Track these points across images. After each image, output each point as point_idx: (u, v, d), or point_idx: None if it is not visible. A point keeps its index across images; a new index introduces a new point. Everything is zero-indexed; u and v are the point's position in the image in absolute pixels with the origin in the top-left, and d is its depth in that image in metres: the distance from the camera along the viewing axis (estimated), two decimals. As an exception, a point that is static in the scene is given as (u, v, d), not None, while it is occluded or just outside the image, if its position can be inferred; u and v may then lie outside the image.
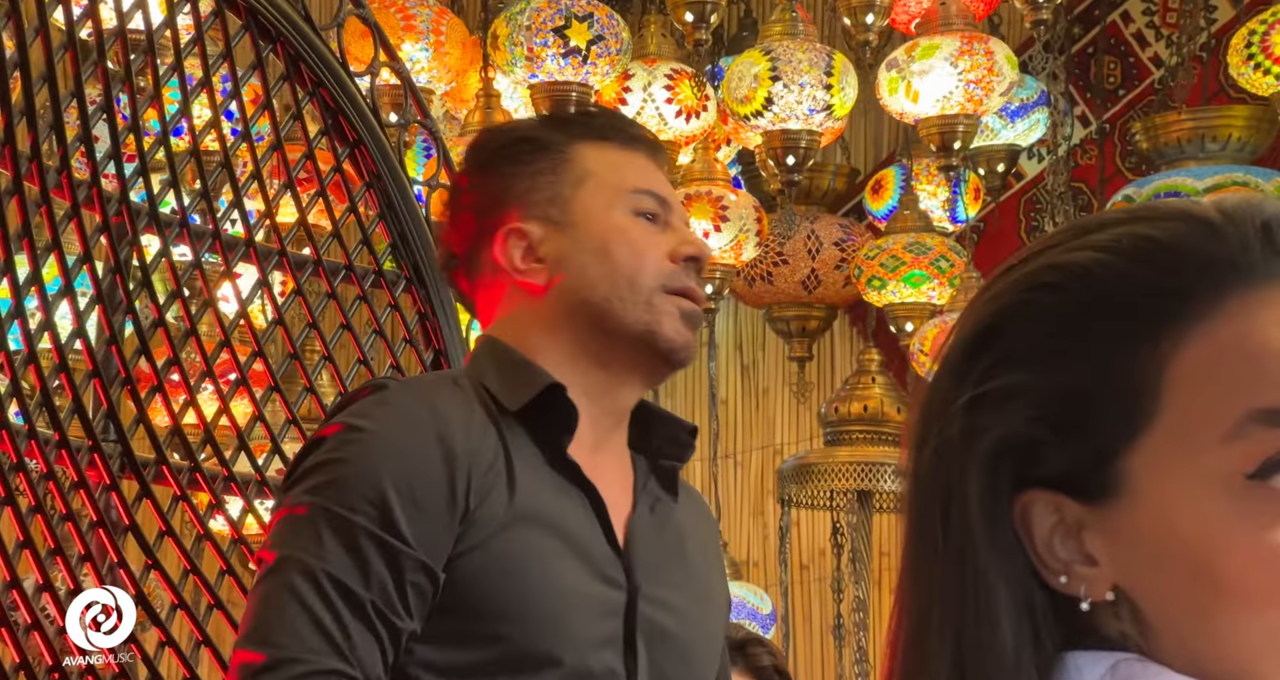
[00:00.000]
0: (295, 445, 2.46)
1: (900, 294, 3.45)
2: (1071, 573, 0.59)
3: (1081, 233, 0.61)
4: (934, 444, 0.60)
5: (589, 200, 1.39)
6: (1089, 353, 0.59)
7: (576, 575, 1.32)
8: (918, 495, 0.60)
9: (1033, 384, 0.59)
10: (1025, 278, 0.60)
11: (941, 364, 0.61)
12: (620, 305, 1.37)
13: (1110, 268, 0.59)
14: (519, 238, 1.39)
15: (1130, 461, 0.58)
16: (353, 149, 2.27)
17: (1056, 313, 0.59)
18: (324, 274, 2.23)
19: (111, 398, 1.98)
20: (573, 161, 1.40)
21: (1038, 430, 0.58)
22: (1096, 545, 0.59)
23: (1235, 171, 2.60)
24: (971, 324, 0.61)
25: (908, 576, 0.60)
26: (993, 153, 3.20)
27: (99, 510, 1.92)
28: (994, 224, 4.00)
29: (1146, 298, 0.58)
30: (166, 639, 1.95)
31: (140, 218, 2.04)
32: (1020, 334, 0.59)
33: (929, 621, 0.59)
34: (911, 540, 0.60)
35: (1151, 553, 0.58)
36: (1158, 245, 0.59)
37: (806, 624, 4.43)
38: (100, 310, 1.98)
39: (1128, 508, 0.58)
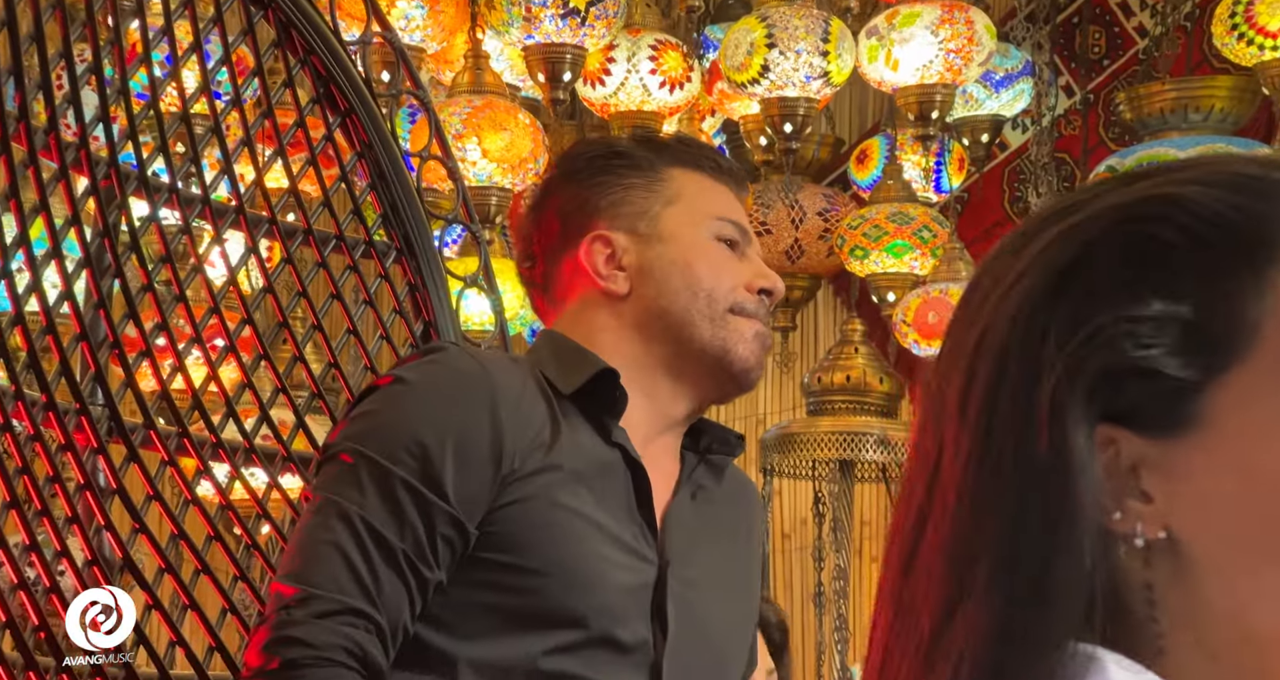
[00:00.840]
0: (283, 412, 2.48)
1: (883, 264, 3.47)
2: (1126, 510, 0.58)
3: (1161, 172, 0.61)
4: (1018, 381, 0.58)
5: (677, 219, 1.45)
6: (1192, 282, 0.58)
7: (609, 544, 1.36)
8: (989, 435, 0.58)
9: (1132, 314, 0.58)
10: (1115, 210, 0.59)
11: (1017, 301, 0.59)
12: (698, 318, 1.43)
13: (1217, 198, 0.59)
14: (604, 245, 1.45)
15: (1216, 394, 0.58)
16: (344, 118, 2.26)
17: (1158, 242, 0.58)
18: (314, 243, 2.23)
19: (99, 361, 1.98)
20: (665, 182, 1.47)
21: (1135, 361, 0.57)
22: (1154, 482, 0.58)
23: (1218, 142, 2.62)
24: (1054, 258, 0.59)
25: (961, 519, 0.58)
26: (977, 123, 3.21)
27: (86, 473, 1.92)
28: (977, 194, 4.02)
29: (1254, 228, 0.58)
30: (153, 602, 1.96)
31: (129, 182, 2.03)
32: (1118, 264, 0.58)
33: (976, 563, 0.57)
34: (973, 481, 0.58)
35: (1220, 489, 0.57)
36: (1258, 179, 0.59)
37: (788, 592, 4.46)
38: (88, 273, 1.98)
39: (1202, 442, 0.58)
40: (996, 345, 0.59)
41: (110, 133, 1.99)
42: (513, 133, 3.08)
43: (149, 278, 2.04)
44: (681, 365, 1.43)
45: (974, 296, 0.62)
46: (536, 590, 1.33)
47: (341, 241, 2.25)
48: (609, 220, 1.45)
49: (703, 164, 1.48)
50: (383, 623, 1.29)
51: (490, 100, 3.13)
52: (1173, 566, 0.58)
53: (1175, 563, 0.58)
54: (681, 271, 1.43)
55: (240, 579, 2.08)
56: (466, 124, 3.05)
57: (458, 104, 3.08)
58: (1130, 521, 0.58)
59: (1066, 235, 0.60)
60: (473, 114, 3.06)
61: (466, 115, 3.06)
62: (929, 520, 0.60)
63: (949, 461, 0.59)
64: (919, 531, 0.60)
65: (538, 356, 1.44)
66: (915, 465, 0.61)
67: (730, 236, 1.45)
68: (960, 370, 0.60)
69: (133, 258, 2.03)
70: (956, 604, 0.58)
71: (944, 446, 0.60)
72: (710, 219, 1.45)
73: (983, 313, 0.60)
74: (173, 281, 2.10)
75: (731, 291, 1.43)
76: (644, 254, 1.44)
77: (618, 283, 1.44)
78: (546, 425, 1.36)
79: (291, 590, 1.30)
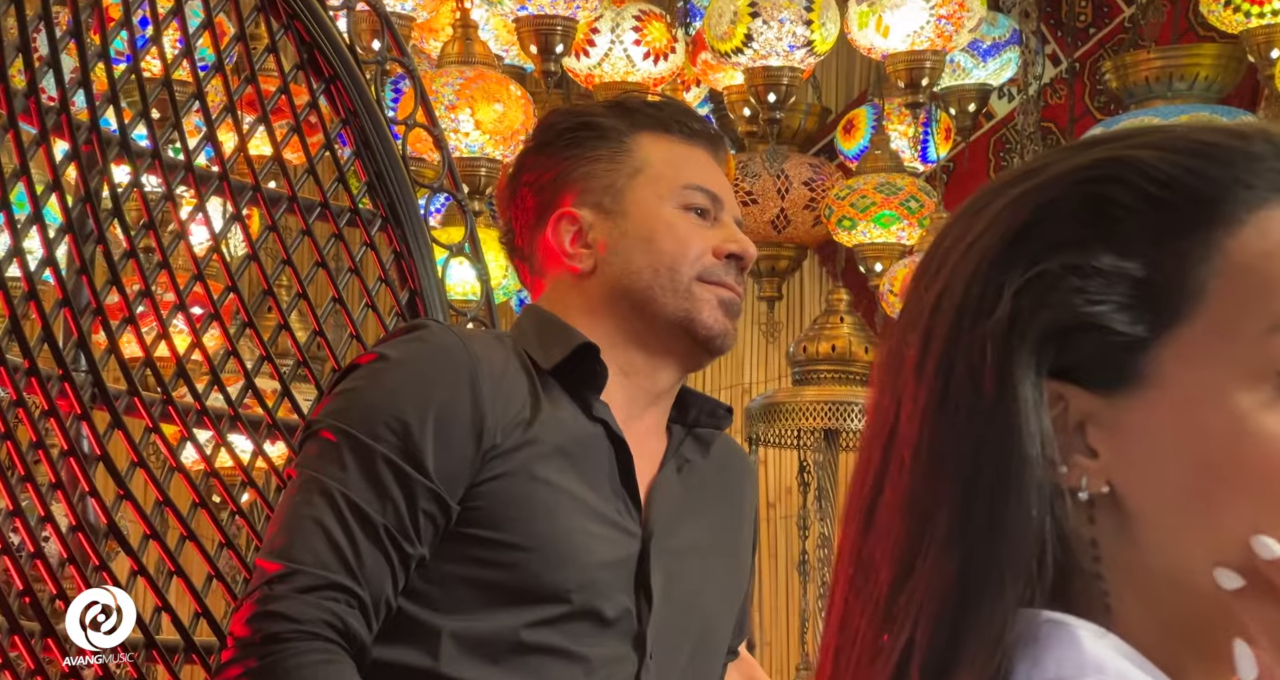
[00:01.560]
0: (267, 382, 2.48)
1: (870, 234, 3.47)
2: (1072, 464, 0.59)
3: (1117, 137, 0.62)
4: (971, 337, 0.59)
5: (642, 192, 1.44)
6: (1143, 241, 0.60)
7: (591, 519, 1.36)
8: (945, 393, 0.59)
9: (1084, 270, 0.59)
10: (1071, 173, 0.61)
11: (974, 261, 0.61)
12: (660, 293, 1.42)
13: (1171, 162, 0.60)
14: (570, 222, 1.44)
15: (1162, 351, 0.59)
16: (328, 85, 2.25)
17: (1111, 203, 0.60)
18: (299, 211, 2.22)
19: (82, 328, 1.97)
20: (631, 152, 1.45)
21: (1084, 316, 0.59)
22: (1101, 438, 0.59)
23: (1202, 110, 2.62)
24: (1010, 219, 0.61)
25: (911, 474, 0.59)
26: (964, 92, 3.20)
27: (69, 439, 1.92)
28: (964, 164, 4.02)
29: (1206, 191, 0.60)
30: (138, 568, 1.96)
31: (110, 147, 2.02)
32: (1071, 223, 0.60)
33: (933, 521, 0.58)
34: (926, 441, 0.59)
35: (1164, 444, 0.59)
36: (1214, 146, 0.61)
37: (772, 560, 4.48)
38: (70, 239, 1.97)
39: (1147, 398, 0.59)
40: (953, 304, 0.60)
41: (91, 97, 1.98)
42: (505, 104, 3.07)
43: (131, 244, 2.04)
44: (651, 339, 1.42)
45: (933, 258, 0.63)
46: (518, 565, 1.33)
47: (326, 209, 2.24)
48: (576, 195, 1.44)
49: (672, 128, 1.45)
50: (365, 597, 1.30)
51: (481, 71, 3.12)
52: (1115, 522, 0.60)
53: (1118, 518, 0.60)
54: (644, 247, 1.42)
55: (226, 546, 2.08)
56: (460, 95, 3.04)
57: (449, 75, 3.07)
58: (1076, 476, 0.59)
59: (1023, 197, 0.61)
60: (465, 85, 3.05)
61: (459, 86, 3.05)
62: (887, 478, 0.61)
63: (906, 419, 0.60)
64: (877, 489, 0.61)
65: (520, 331, 1.44)
66: (873, 424, 0.63)
67: (699, 204, 1.44)
68: (918, 330, 0.61)
69: (114, 223, 2.02)
70: (915, 559, 0.59)
71: (901, 405, 0.61)
72: (676, 188, 1.43)
73: (941, 273, 0.62)
74: (155, 248, 2.09)
75: (697, 260, 1.42)
76: (609, 231, 1.43)
77: (583, 261, 1.43)
78: (528, 401, 1.36)
79: (275, 566, 1.31)
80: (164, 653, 1.93)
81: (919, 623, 0.57)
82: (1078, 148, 0.63)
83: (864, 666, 0.59)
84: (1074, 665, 0.56)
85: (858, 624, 0.60)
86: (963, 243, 0.62)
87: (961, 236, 0.62)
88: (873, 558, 0.60)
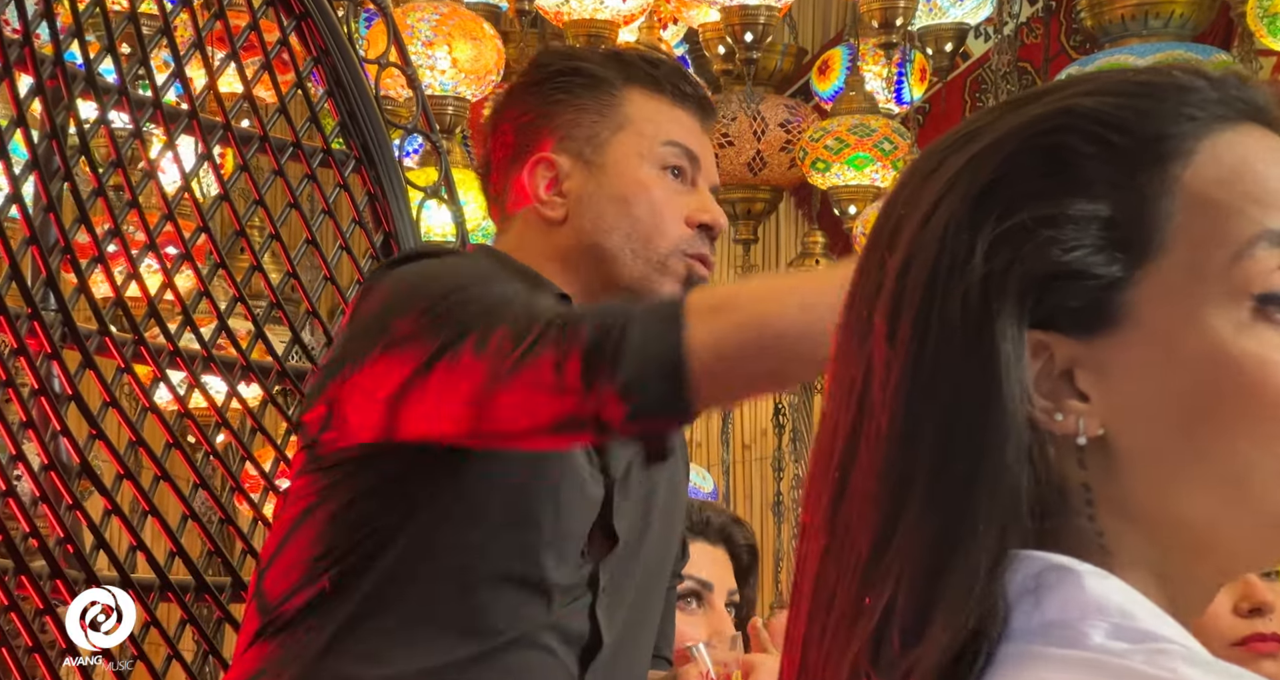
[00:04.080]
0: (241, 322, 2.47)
1: (844, 176, 3.46)
2: (1065, 409, 0.60)
3: (1055, 90, 0.63)
4: (946, 298, 0.60)
5: (623, 147, 1.42)
6: (1105, 183, 0.60)
7: (568, 462, 1.36)
8: (920, 357, 0.60)
9: (1054, 220, 0.60)
10: (1020, 129, 0.62)
11: (940, 225, 0.61)
12: (629, 257, 1.40)
13: (1114, 104, 0.61)
14: (548, 168, 1.42)
15: (1137, 289, 0.60)
16: (299, 22, 2.23)
17: (1068, 151, 0.61)
18: (270, 150, 2.20)
19: (50, 266, 1.96)
20: (619, 105, 1.42)
21: (1060, 264, 0.59)
22: (1089, 382, 0.60)
23: (1177, 49, 2.61)
24: (970, 181, 0.61)
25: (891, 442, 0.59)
26: (941, 32, 3.19)
27: (40, 378, 1.91)
28: (939, 105, 4.00)
29: (1151, 126, 0.61)
30: (112, 507, 1.96)
31: (76, 83, 1.99)
32: (1033, 177, 0.61)
33: (913, 476, 0.59)
34: (907, 395, 0.59)
35: (1148, 380, 0.59)
36: (1150, 84, 0.62)
37: (747, 501, 4.51)
38: (36, 176, 1.95)
39: (1128, 338, 0.60)
40: (924, 268, 0.61)
41: (55, 30, 1.95)
42: (481, 43, 3.04)
43: (100, 182, 2.02)
44: (603, 297, 1.40)
45: (887, 225, 0.63)
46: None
47: (299, 149, 2.22)
48: (557, 140, 1.42)
49: (664, 87, 1.44)
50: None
51: (455, 8, 3.08)
52: (1106, 465, 0.60)
53: (1108, 461, 0.60)
54: (618, 208, 1.40)
55: (201, 486, 2.08)
56: (436, 31, 3.01)
57: (423, 10, 3.03)
58: (1071, 422, 0.60)
59: (977, 159, 0.62)
60: (441, 21, 3.02)
61: (435, 22, 3.01)
62: (860, 446, 0.61)
63: (878, 387, 0.60)
64: (849, 458, 0.61)
65: None
66: (837, 396, 0.62)
67: (677, 164, 1.42)
68: (886, 296, 0.61)
69: (82, 161, 2.00)
70: (895, 522, 0.59)
71: (872, 372, 0.61)
72: (658, 145, 1.41)
73: (901, 239, 0.62)
74: (125, 186, 2.07)
75: (674, 233, 1.40)
76: (585, 183, 1.41)
77: (555, 209, 1.41)
78: None
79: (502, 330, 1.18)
80: (140, 591, 1.93)
81: (901, 582, 0.58)
82: (1012, 105, 0.64)
83: (843, 629, 0.59)
84: (1078, 606, 0.57)
85: (834, 588, 0.60)
86: (920, 208, 0.62)
87: (915, 201, 0.62)
88: (849, 524, 0.60)
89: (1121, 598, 0.58)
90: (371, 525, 1.32)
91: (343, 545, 1.32)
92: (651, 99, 1.44)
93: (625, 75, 1.44)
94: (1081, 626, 0.57)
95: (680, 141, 1.43)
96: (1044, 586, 0.58)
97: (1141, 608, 0.58)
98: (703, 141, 1.46)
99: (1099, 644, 0.56)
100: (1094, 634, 0.56)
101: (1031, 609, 0.58)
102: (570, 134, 1.42)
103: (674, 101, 1.44)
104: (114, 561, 1.94)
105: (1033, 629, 0.57)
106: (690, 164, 1.43)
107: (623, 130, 1.42)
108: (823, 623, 0.60)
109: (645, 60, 1.48)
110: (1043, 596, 0.58)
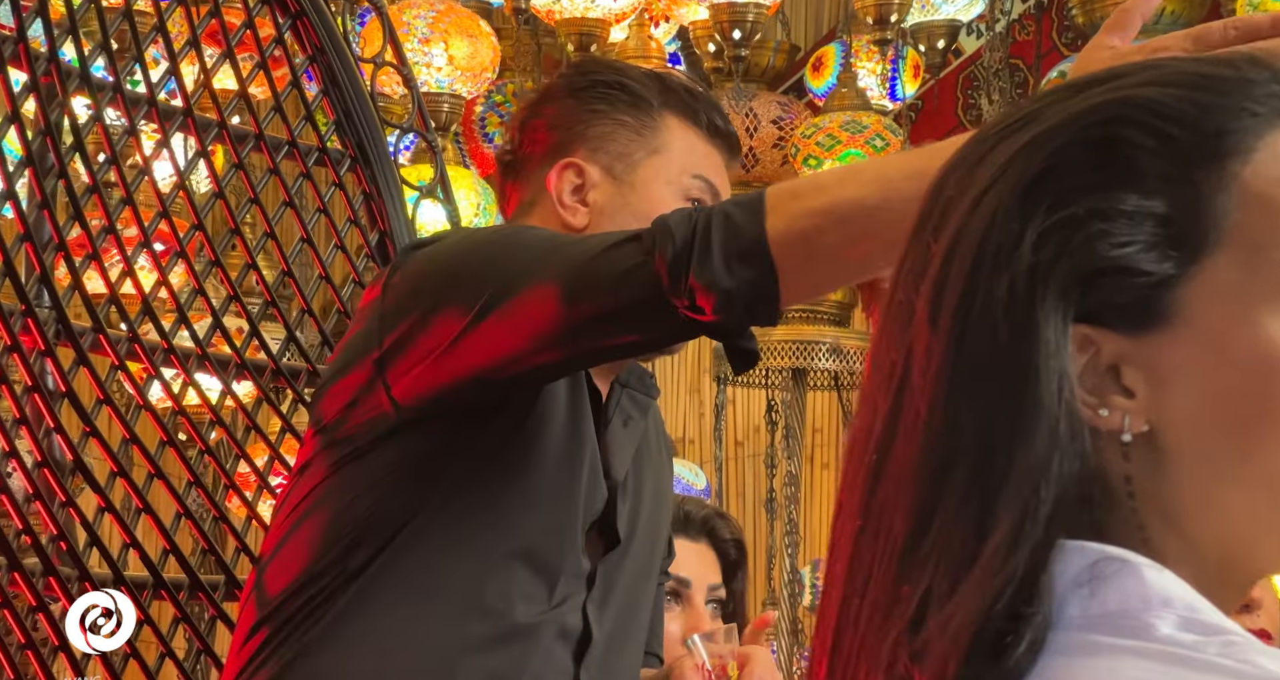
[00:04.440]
0: (235, 320, 2.46)
1: (837, 173, 3.46)
2: (1111, 405, 0.59)
3: (1112, 77, 0.62)
4: (991, 286, 0.59)
5: (653, 170, 1.43)
6: (1161, 178, 0.59)
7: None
8: (962, 344, 0.59)
9: (1107, 213, 0.59)
10: (1076, 117, 0.61)
11: (988, 212, 0.60)
12: None
13: (1175, 96, 0.60)
14: (576, 174, 1.43)
15: (1189, 286, 0.59)
16: (294, 20, 2.22)
17: (1124, 143, 0.60)
18: (265, 149, 2.20)
19: (45, 263, 1.95)
20: (657, 129, 1.44)
21: (1110, 259, 0.59)
22: (1136, 379, 0.59)
23: (1169, 46, 2.62)
24: (1021, 169, 0.60)
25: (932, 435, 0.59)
26: (933, 28, 3.19)
27: (33, 375, 1.90)
28: (932, 102, 4.01)
29: (1213, 121, 0.60)
30: (106, 505, 1.96)
31: (70, 79, 1.99)
32: (1086, 168, 0.60)
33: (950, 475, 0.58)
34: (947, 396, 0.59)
35: (1197, 379, 0.59)
36: (1211, 76, 0.61)
37: (740, 498, 4.51)
38: (30, 173, 1.95)
39: (1178, 335, 0.59)
40: (969, 256, 0.60)
41: (49, 26, 1.95)
42: (478, 41, 3.04)
43: (94, 178, 2.01)
44: None
45: (934, 208, 0.63)
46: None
47: (294, 148, 2.22)
48: (590, 151, 1.43)
49: (701, 121, 1.45)
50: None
51: (451, 5, 3.08)
52: (1152, 460, 0.60)
53: (1152, 458, 0.60)
54: (640, 224, 1.37)
55: (194, 484, 2.08)
56: (433, 28, 3.00)
57: (419, 7, 3.03)
58: (1117, 418, 0.59)
59: (1030, 146, 0.61)
60: (438, 18, 3.02)
61: (432, 19, 3.01)
62: (898, 430, 0.60)
63: (919, 373, 0.60)
64: (887, 441, 0.60)
65: None
66: (877, 379, 0.62)
67: (700, 197, 1.43)
68: (929, 282, 0.61)
69: (76, 158, 1.99)
70: (933, 511, 0.58)
71: (913, 358, 0.60)
72: (686, 176, 1.43)
73: (949, 223, 0.61)
74: (119, 183, 2.07)
75: None
76: (611, 196, 1.43)
77: (577, 216, 1.43)
78: None
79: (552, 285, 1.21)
80: (132, 589, 1.93)
81: (938, 571, 0.58)
82: (1070, 90, 0.63)
83: (878, 616, 0.59)
84: (1139, 598, 0.57)
85: (870, 572, 0.60)
86: (969, 193, 0.61)
87: (964, 187, 0.62)
88: (884, 511, 0.60)
89: (1183, 590, 0.57)
90: (387, 505, 1.32)
91: (352, 532, 1.32)
92: (688, 129, 1.45)
93: (665, 100, 1.45)
94: (1146, 617, 0.56)
95: (707, 177, 1.44)
96: (1100, 577, 0.57)
97: (1201, 601, 0.57)
98: (724, 179, 1.47)
99: (1167, 635, 0.56)
100: (1161, 625, 0.56)
101: (1088, 599, 0.57)
102: (604, 147, 1.44)
103: (708, 136, 1.46)
104: (107, 559, 1.93)
105: (1091, 618, 0.57)
106: (712, 199, 1.44)
107: (657, 154, 1.44)
108: (857, 608, 0.60)
109: (686, 90, 1.49)
110: (1099, 587, 0.57)
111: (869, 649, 0.59)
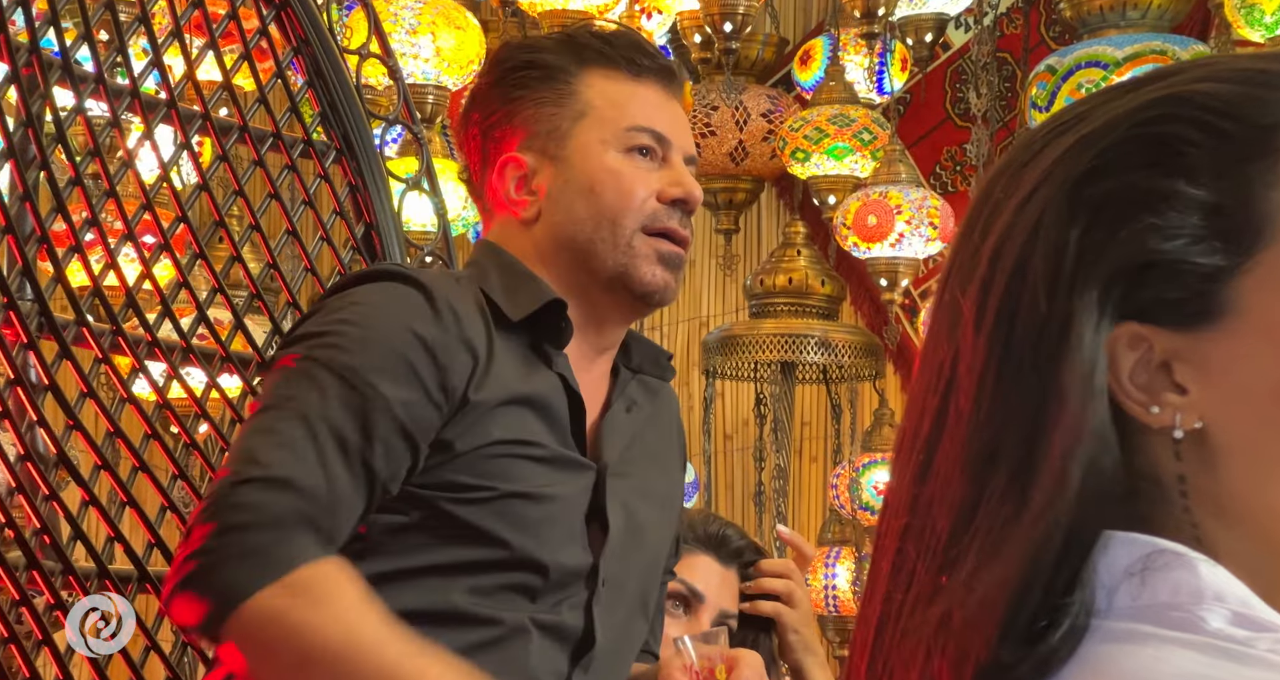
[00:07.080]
0: (220, 312, 2.45)
1: (824, 166, 3.46)
2: (1162, 402, 0.59)
3: (1163, 75, 0.62)
4: (1035, 285, 0.59)
5: (585, 137, 1.40)
6: (1212, 172, 0.59)
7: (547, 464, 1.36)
8: (1008, 343, 0.59)
9: (1156, 207, 0.59)
10: (1126, 115, 0.61)
11: (1035, 211, 0.60)
12: (601, 246, 1.38)
13: (1229, 91, 0.60)
14: (515, 167, 1.41)
15: (1241, 280, 0.59)
16: (278, 11, 2.21)
17: (1175, 139, 0.60)
18: (250, 141, 2.19)
19: (27, 256, 1.94)
20: (577, 94, 1.40)
21: (1158, 252, 0.59)
22: (1188, 374, 0.59)
23: (1154, 40, 2.62)
24: (1071, 167, 0.60)
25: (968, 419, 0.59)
26: (921, 22, 3.19)
27: (16, 368, 1.90)
28: (919, 96, 4.01)
29: (1267, 115, 0.60)
30: (90, 499, 1.95)
31: (52, 70, 1.98)
32: (1136, 165, 0.60)
33: (994, 454, 0.58)
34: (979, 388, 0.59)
35: (1251, 374, 0.59)
36: (1265, 72, 0.61)
37: (729, 491, 4.51)
38: (12, 164, 1.93)
39: (1230, 330, 0.59)
40: (1015, 255, 0.60)
41: (30, 17, 1.94)
42: (465, 32, 3.03)
43: (76, 170, 2.00)
44: (594, 292, 1.40)
45: (983, 210, 0.63)
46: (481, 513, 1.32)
47: (279, 140, 2.21)
48: (522, 139, 1.40)
49: (620, 64, 1.41)
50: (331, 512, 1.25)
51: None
52: (1203, 457, 0.60)
53: (1204, 454, 0.60)
54: (586, 198, 1.38)
55: (179, 477, 2.07)
56: (420, 18, 2.99)
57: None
58: (1168, 415, 0.59)
59: (1080, 144, 0.61)
60: (425, 9, 3.01)
61: (419, 9, 3.00)
62: (945, 428, 0.61)
63: (965, 372, 0.60)
64: (934, 441, 0.61)
65: (481, 272, 1.40)
66: (926, 377, 0.62)
67: (644, 145, 1.40)
68: (976, 281, 0.61)
69: (58, 149, 1.98)
70: (976, 505, 0.59)
71: (960, 357, 0.61)
72: (620, 131, 1.39)
73: (996, 224, 0.61)
74: (102, 175, 2.06)
75: (639, 209, 1.38)
76: (552, 177, 1.39)
77: (527, 209, 1.40)
78: (487, 352, 1.33)
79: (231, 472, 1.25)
80: (117, 582, 1.92)
81: (980, 565, 0.58)
82: (1121, 90, 0.63)
83: (920, 608, 0.59)
84: (1191, 591, 0.57)
85: (913, 567, 0.60)
86: (1017, 194, 0.61)
87: (1012, 188, 0.61)
88: (930, 506, 0.60)
89: (1236, 586, 0.57)
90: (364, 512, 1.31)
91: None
92: (609, 79, 1.41)
93: (579, 59, 1.41)
94: (1197, 610, 0.56)
95: (643, 124, 1.40)
96: (1152, 569, 0.57)
97: (1254, 598, 0.57)
98: (670, 114, 1.42)
99: (1217, 629, 0.56)
100: (1211, 619, 0.56)
101: (1138, 589, 0.57)
102: (532, 131, 1.40)
103: (632, 77, 1.41)
104: (91, 553, 1.93)
105: (1139, 609, 0.57)
106: (658, 142, 1.40)
107: (584, 118, 1.40)
108: (900, 601, 0.60)
109: (598, 38, 1.44)
110: (1150, 578, 0.57)
111: (909, 635, 0.59)
